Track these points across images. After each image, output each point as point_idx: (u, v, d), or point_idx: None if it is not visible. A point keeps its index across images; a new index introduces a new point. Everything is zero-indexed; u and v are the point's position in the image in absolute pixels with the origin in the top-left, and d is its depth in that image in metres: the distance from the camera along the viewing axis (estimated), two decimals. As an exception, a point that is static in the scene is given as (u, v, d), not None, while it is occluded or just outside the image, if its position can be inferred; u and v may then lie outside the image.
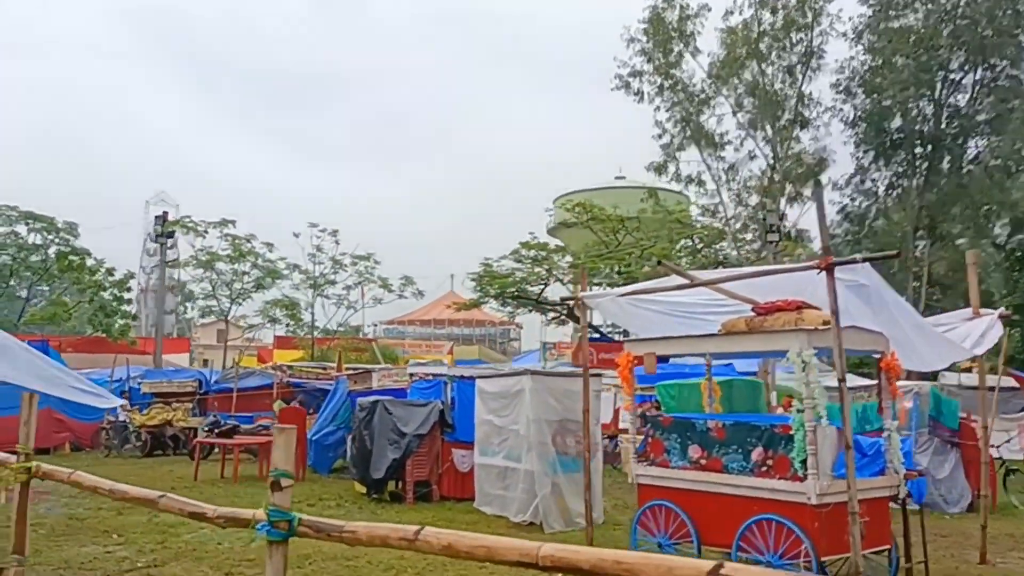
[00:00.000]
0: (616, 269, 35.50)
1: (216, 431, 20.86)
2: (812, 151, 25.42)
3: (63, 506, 12.58)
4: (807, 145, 25.56)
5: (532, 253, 37.83)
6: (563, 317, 41.10)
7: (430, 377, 14.28)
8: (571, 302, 38.81)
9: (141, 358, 36.07)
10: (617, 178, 75.13)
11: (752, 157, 26.97)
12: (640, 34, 28.01)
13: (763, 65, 26.14)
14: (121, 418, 22.28)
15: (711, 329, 8.07)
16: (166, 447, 22.44)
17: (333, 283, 32.10)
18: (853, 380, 14.54)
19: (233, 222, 31.82)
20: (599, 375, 11.82)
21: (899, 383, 16.85)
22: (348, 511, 12.23)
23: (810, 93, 25.74)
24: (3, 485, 5.34)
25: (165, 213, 32.45)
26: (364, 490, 13.52)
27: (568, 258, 36.23)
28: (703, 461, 7.31)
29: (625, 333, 41.81)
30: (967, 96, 24.28)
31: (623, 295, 8.17)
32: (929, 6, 24.44)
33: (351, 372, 18.59)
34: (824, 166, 25.19)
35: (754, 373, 16.06)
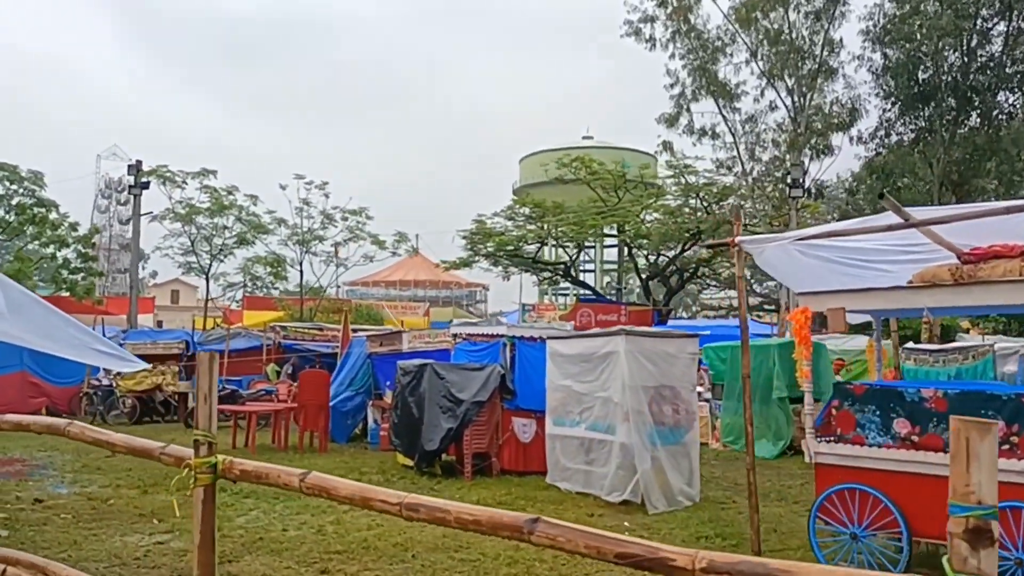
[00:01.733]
0: (620, 227, 34.21)
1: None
2: (844, 100, 24.21)
3: (71, 483, 10.99)
4: (835, 95, 24.34)
5: (525, 210, 36.38)
6: (557, 277, 39.84)
7: (481, 338, 12.82)
8: (563, 265, 37.53)
9: (112, 318, 33.99)
10: (584, 137, 74.06)
11: (773, 108, 25.72)
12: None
13: (787, 9, 24.76)
14: (105, 382, 20.50)
15: (888, 280, 6.77)
16: (155, 413, 20.75)
17: (322, 239, 30.26)
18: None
19: (214, 172, 29.77)
20: (695, 336, 10.49)
21: (1003, 344, 16.00)
22: (402, 488, 10.84)
23: (840, 39, 24.47)
24: (181, 490, 3.81)
25: (139, 162, 30.19)
26: (409, 463, 12.11)
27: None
28: (915, 438, 6.03)
29: (618, 293, 40.60)
30: (998, 47, 23.27)
31: (801, 239, 6.79)
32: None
33: (374, 333, 17.01)
34: (857, 116, 24.07)
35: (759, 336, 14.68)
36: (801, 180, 23.83)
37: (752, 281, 45.17)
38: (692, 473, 9.74)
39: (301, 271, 30.50)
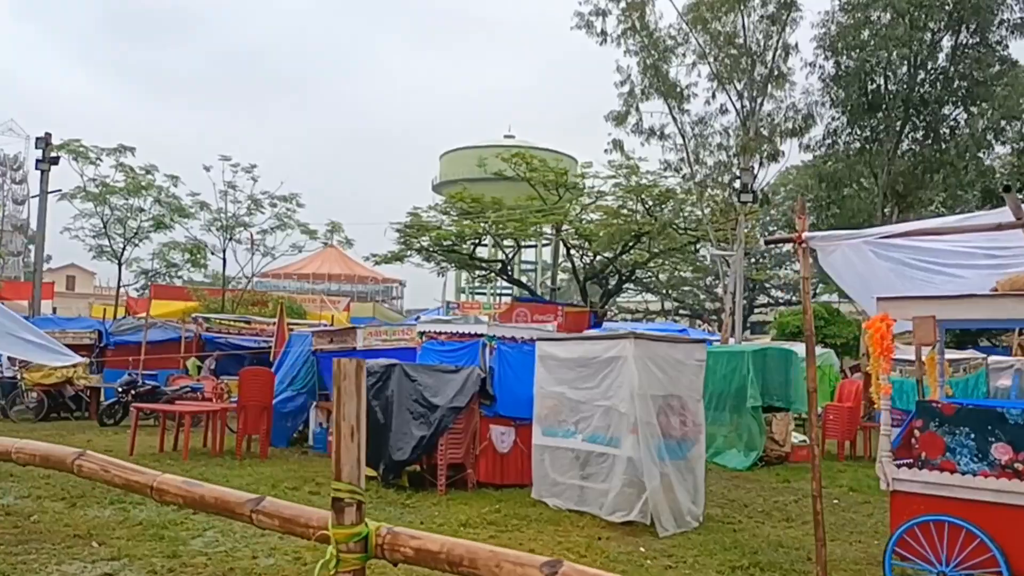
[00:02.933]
0: (558, 227, 33.51)
1: (133, 392, 17.63)
2: (800, 106, 24.02)
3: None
4: (791, 100, 24.13)
5: (460, 206, 35.32)
6: (492, 275, 38.92)
7: (452, 338, 11.73)
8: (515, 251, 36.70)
9: (9, 303, 31.28)
10: (506, 136, 73.74)
11: (723, 111, 25.37)
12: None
13: (742, 13, 24.44)
14: (8, 374, 18.49)
15: (961, 286, 6.09)
16: (64, 409, 18.84)
17: (248, 226, 28.44)
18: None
19: (132, 149, 27.59)
20: (702, 341, 9.70)
21: (996, 357, 15.79)
22: (372, 504, 9.68)
23: (796, 44, 24.28)
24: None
25: (48, 135, 27.72)
26: (372, 473, 10.94)
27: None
28: (1019, 465, 5.32)
29: (552, 293, 39.95)
30: (944, 61, 23.52)
31: (883, 237, 6.01)
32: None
33: (321, 329, 15.72)
34: (811, 123, 23.93)
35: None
36: (750, 186, 23.52)
37: (668, 287, 45.39)
38: (697, 490, 8.94)
39: (224, 259, 28.62)
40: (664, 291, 44.62)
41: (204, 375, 21.40)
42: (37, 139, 27.77)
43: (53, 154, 27.38)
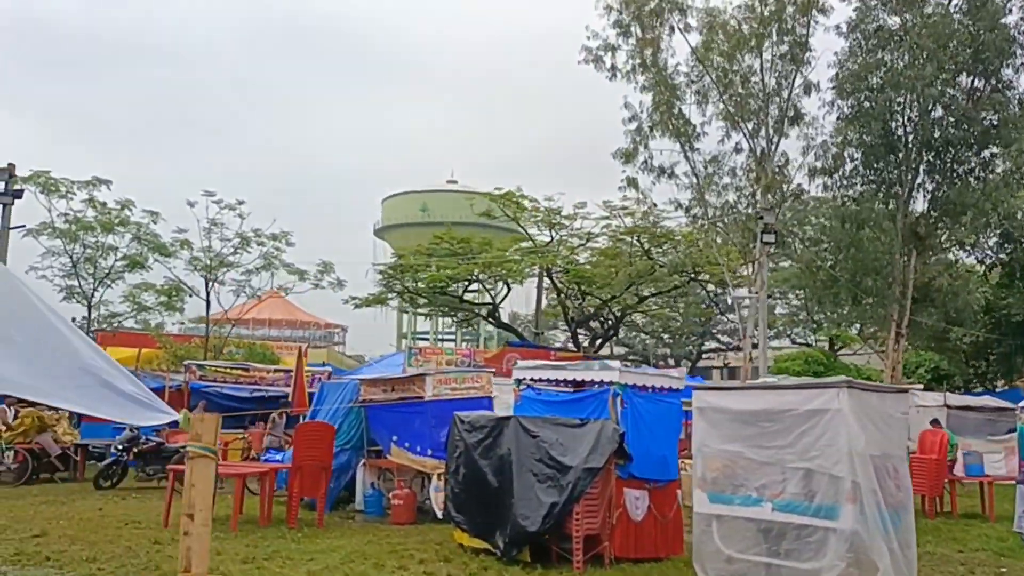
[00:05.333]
0: (548, 269, 32.29)
1: (135, 450, 15.62)
2: (828, 145, 23.41)
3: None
4: (822, 138, 23.55)
5: (447, 246, 33.87)
6: (480, 317, 37.39)
7: (559, 388, 10.27)
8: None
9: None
10: (449, 181, 73.27)
11: (738, 151, 24.70)
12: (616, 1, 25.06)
13: (760, 52, 23.93)
14: (-12, 430, 16.26)
15: None
16: (48, 470, 16.59)
17: (234, 266, 26.45)
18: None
19: (108, 183, 25.45)
20: (905, 391, 8.49)
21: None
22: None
23: (817, 83, 23.78)
24: None
25: (11, 165, 25.41)
26: (481, 545, 9.35)
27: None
28: None
29: (536, 337, 38.59)
30: (964, 99, 23.31)
31: None
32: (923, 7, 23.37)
33: (374, 377, 14.08)
34: (840, 163, 23.34)
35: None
36: (773, 226, 22.77)
37: (664, 330, 44.38)
38: (910, 568, 7.63)
39: (208, 301, 26.49)
40: (655, 334, 43.71)
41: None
42: (-1, 170, 25.46)
43: (17, 186, 25.10)
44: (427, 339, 64.87)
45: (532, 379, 10.72)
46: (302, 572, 8.37)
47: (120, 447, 15.62)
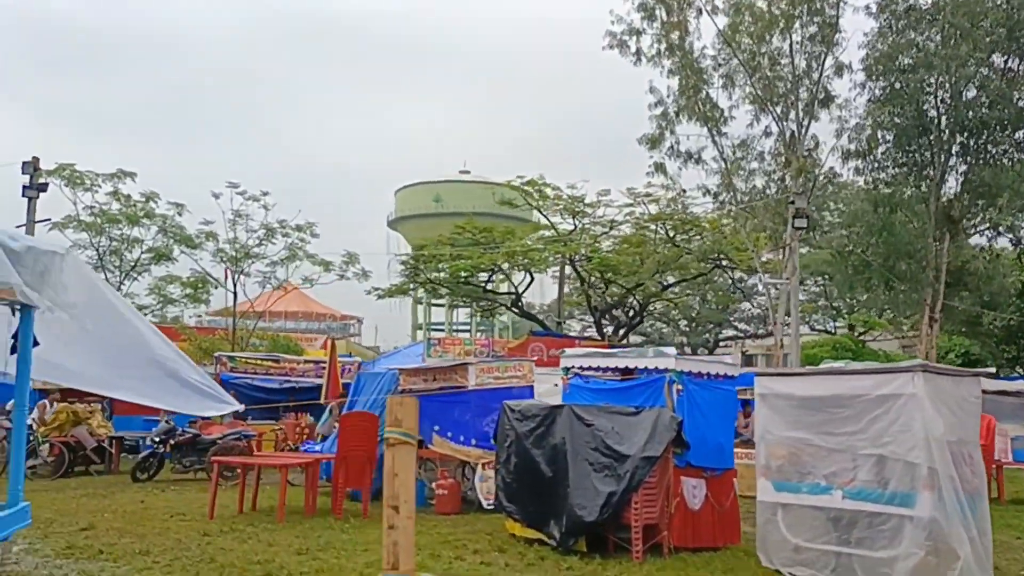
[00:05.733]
0: (570, 258, 32.04)
1: (172, 442, 15.56)
2: (864, 127, 23.01)
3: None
4: (856, 120, 23.16)
5: (469, 236, 33.66)
6: (504, 307, 37.21)
7: (609, 375, 10.08)
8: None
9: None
10: (461, 172, 73.03)
11: (767, 134, 24.33)
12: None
13: (789, 32, 23.55)
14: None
15: None
16: (84, 463, 16.57)
17: (260, 257, 26.35)
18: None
19: (133, 175, 25.38)
20: (977, 376, 8.27)
21: None
22: (549, 572, 7.94)
23: (849, 64, 23.37)
24: None
25: (35, 159, 25.47)
26: (534, 535, 9.20)
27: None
28: None
29: (558, 327, 38.37)
30: (999, 82, 22.86)
31: None
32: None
33: (417, 368, 13.94)
34: (875, 144, 22.96)
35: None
36: (803, 210, 22.45)
37: (687, 318, 44.06)
38: (987, 556, 7.41)
39: (235, 293, 26.42)
40: (673, 321, 43.42)
41: (227, 420, 19.36)
42: (24, 163, 25.46)
43: (41, 180, 25.10)
44: (442, 330, 64.87)
45: (581, 367, 10.52)
46: (359, 563, 8.22)
47: (156, 439, 15.56)
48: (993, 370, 20.51)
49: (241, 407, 6.89)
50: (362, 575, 7.75)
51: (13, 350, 4.73)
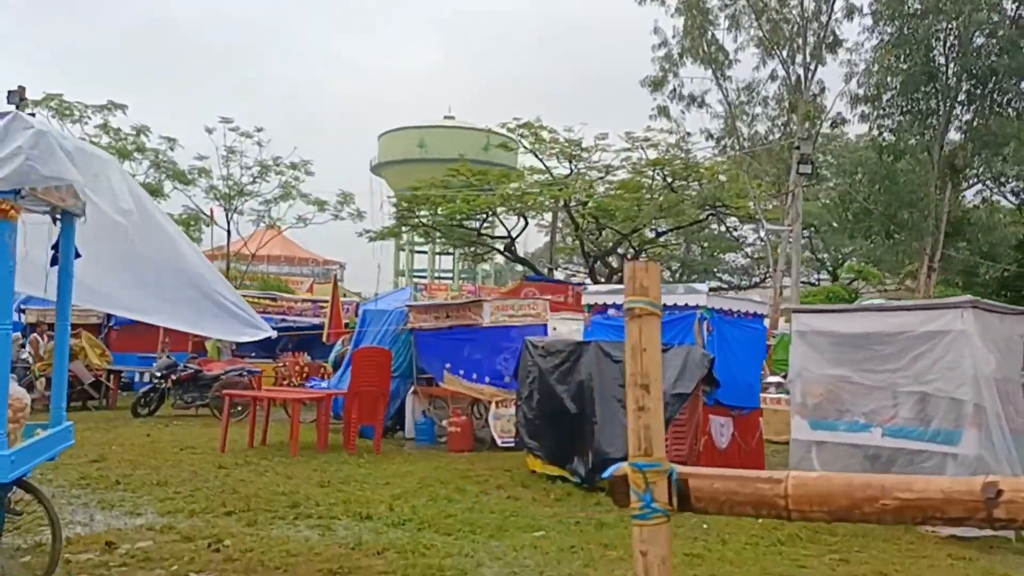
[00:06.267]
0: (565, 202, 31.65)
1: (174, 377, 15.32)
2: (874, 70, 22.64)
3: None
4: (864, 64, 22.80)
5: (463, 179, 33.13)
6: (495, 252, 36.90)
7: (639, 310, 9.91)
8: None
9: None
10: (446, 117, 71.96)
11: (773, 78, 23.98)
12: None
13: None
14: (22, 356, 15.91)
15: None
16: (82, 398, 16.28)
17: (254, 195, 25.81)
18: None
19: (124, 107, 24.65)
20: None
21: None
22: (584, 511, 7.82)
23: (860, 6, 22.98)
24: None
25: (22, 87, 24.72)
26: (556, 472, 9.08)
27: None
28: None
29: (550, 272, 38.18)
30: (1009, 29, 22.51)
31: None
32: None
33: (428, 304, 13.72)
34: (883, 90, 22.62)
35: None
36: (808, 156, 22.20)
37: (685, 265, 43.95)
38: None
39: (228, 232, 25.94)
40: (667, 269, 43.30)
41: (225, 356, 19.11)
42: (9, 93, 24.68)
43: (28, 110, 24.34)
44: (424, 277, 64.61)
45: (605, 303, 10.30)
46: (385, 495, 8.08)
47: (158, 375, 15.30)
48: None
49: (274, 333, 6.58)
50: (391, 507, 7.60)
51: (54, 262, 4.43)
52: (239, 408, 13.22)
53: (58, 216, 4.35)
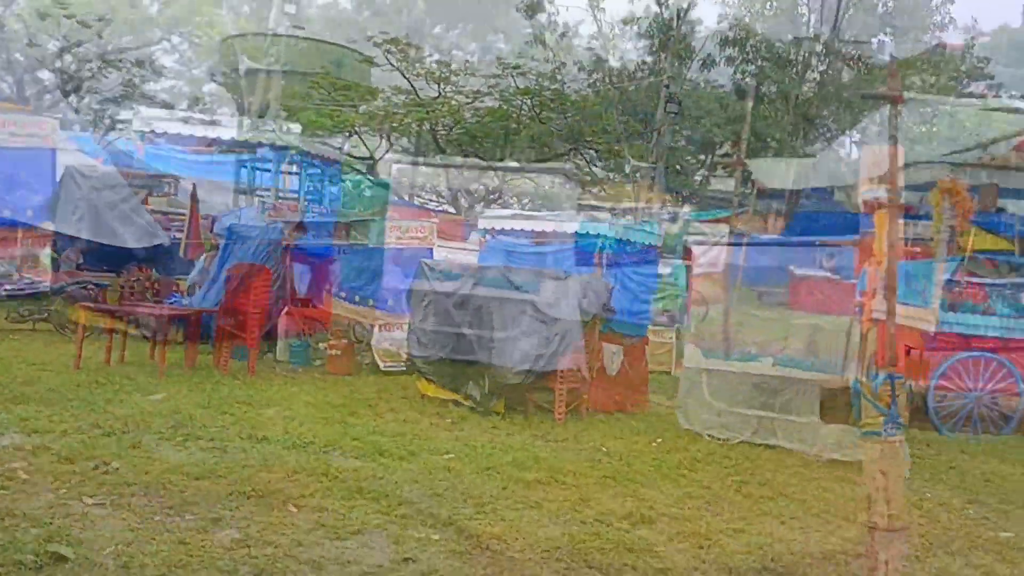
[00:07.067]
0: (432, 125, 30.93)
1: (8, 287, 13.98)
2: (741, 17, 23.24)
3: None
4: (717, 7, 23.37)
5: (324, 93, 31.58)
6: (358, 173, 35.64)
7: (540, 239, 9.79)
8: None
9: None
10: (295, 26, 68.68)
11: (646, 16, 24.14)
12: None
13: None
14: None
15: None
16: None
17: (92, 92, 23.49)
18: None
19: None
20: None
21: None
22: (483, 436, 7.77)
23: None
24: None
25: None
26: (450, 396, 8.97)
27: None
28: None
29: (411, 197, 37.45)
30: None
31: None
32: None
33: (303, 224, 13.06)
34: (753, 34, 23.18)
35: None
36: (676, 95, 22.65)
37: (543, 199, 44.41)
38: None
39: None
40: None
41: (64, 269, 17.50)
42: None
43: None
44: (267, 196, 61.70)
45: (497, 229, 10.16)
46: (276, 417, 7.70)
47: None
48: None
49: (166, 240, 5.99)
50: (286, 429, 7.26)
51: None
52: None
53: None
